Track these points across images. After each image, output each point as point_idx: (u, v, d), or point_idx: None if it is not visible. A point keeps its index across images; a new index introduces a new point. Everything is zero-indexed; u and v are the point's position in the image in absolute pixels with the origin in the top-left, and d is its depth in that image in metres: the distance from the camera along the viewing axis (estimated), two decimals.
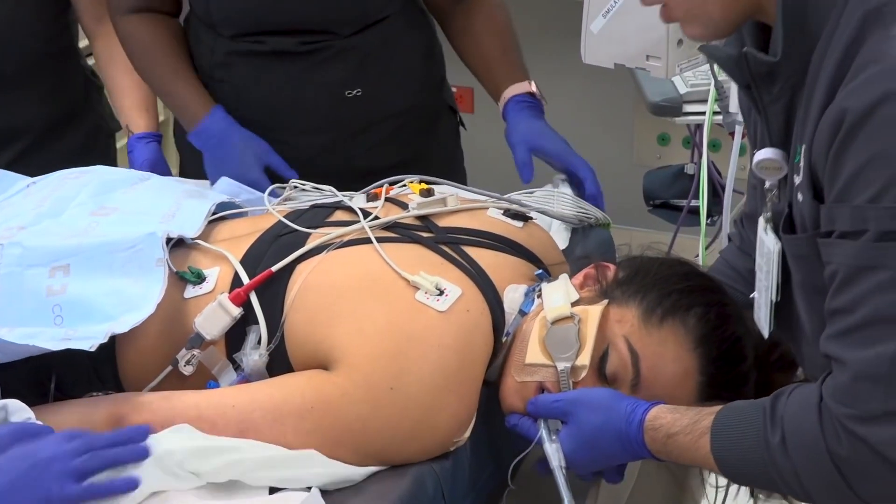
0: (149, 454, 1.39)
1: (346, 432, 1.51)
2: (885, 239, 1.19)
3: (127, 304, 1.57)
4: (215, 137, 2.12)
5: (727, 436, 1.39)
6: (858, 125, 1.18)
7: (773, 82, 1.32)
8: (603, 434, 1.51)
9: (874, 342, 1.22)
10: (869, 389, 1.23)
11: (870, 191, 1.19)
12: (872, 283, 1.21)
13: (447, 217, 1.75)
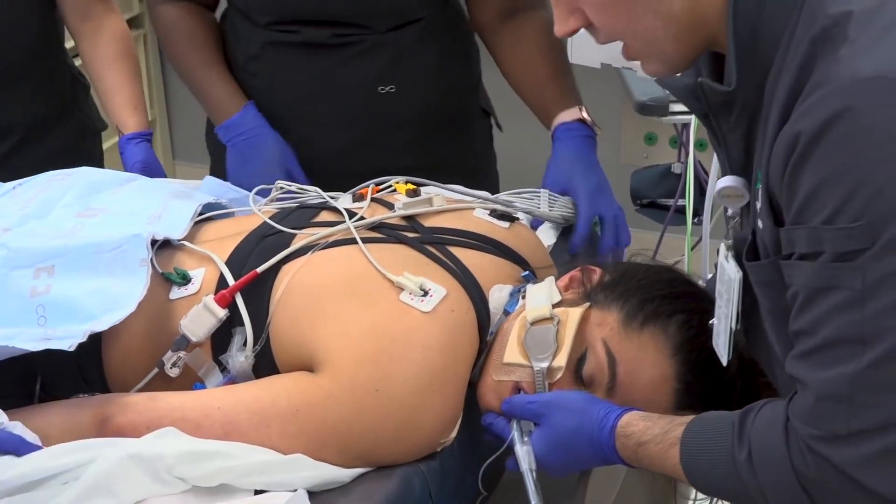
0: None
1: (332, 434, 1.51)
2: (841, 259, 1.19)
3: (109, 304, 1.57)
4: (244, 134, 2.11)
5: (695, 449, 1.39)
6: (811, 147, 1.18)
7: (730, 111, 1.32)
8: (575, 438, 1.50)
9: (835, 363, 1.21)
10: (832, 410, 1.22)
11: (824, 212, 1.18)
12: (831, 304, 1.21)
13: (433, 217, 1.75)
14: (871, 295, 1.18)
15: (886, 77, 1.14)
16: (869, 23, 1.19)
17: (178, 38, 2.18)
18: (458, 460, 1.60)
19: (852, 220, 1.16)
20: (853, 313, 1.19)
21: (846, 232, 1.17)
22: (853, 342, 1.20)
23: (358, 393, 1.51)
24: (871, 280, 1.17)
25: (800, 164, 1.19)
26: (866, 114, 1.15)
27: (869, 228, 1.16)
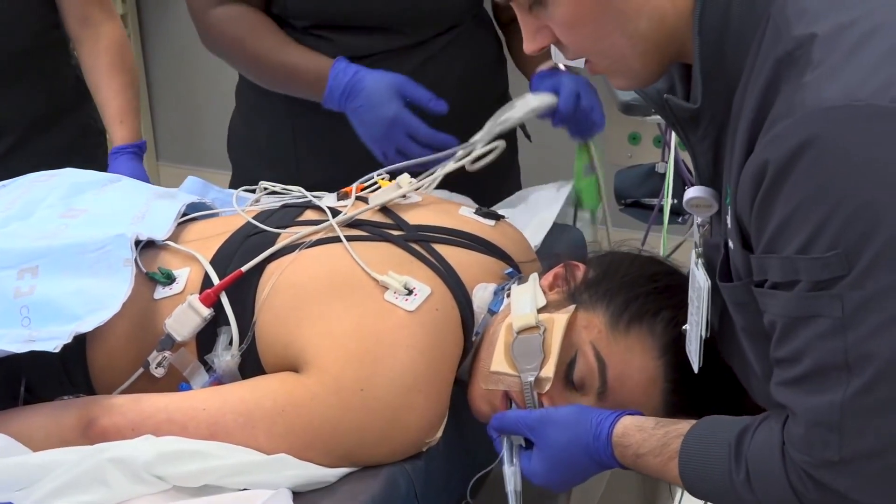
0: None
1: (317, 434, 1.51)
2: (817, 289, 1.19)
3: (93, 304, 1.57)
4: (347, 89, 2.02)
5: (694, 467, 1.39)
6: (780, 177, 1.18)
7: (698, 124, 1.33)
8: (572, 452, 1.49)
9: (821, 391, 1.22)
10: (823, 438, 1.23)
11: (797, 241, 1.19)
12: (811, 333, 1.21)
13: (418, 215, 1.75)
14: (851, 322, 1.18)
15: (851, 105, 1.14)
16: (832, 46, 1.18)
17: (242, 33, 2.10)
18: (444, 460, 1.60)
19: (827, 249, 1.17)
20: (836, 341, 1.19)
21: (821, 261, 1.17)
22: (838, 369, 1.20)
23: (343, 393, 1.51)
24: (851, 307, 1.17)
25: (769, 195, 1.19)
26: (834, 143, 1.15)
27: (844, 256, 1.16)
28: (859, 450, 1.21)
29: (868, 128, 1.14)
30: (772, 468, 1.29)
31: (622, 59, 1.33)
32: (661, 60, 1.34)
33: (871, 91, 1.14)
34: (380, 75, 2.00)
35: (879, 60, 1.16)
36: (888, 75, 1.15)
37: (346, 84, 2.02)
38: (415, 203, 1.81)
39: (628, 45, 1.31)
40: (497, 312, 1.64)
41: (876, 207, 1.14)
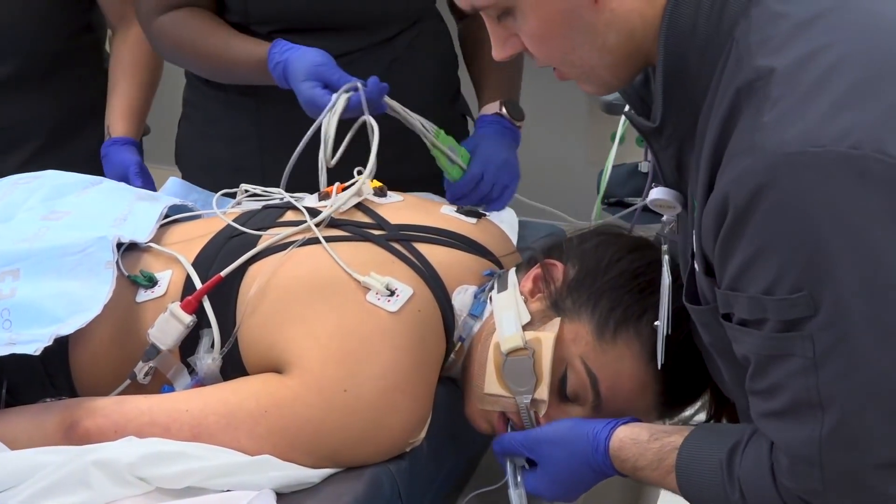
0: None
1: (300, 435, 1.51)
2: (787, 329, 1.21)
3: (74, 306, 1.56)
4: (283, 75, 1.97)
5: (691, 485, 1.40)
6: (741, 219, 1.19)
7: (661, 135, 1.33)
8: (573, 467, 1.51)
9: (800, 426, 1.23)
10: (806, 471, 1.25)
11: (762, 283, 1.20)
12: (784, 371, 1.22)
13: (399, 214, 1.75)
14: (823, 362, 1.19)
15: (809, 152, 1.15)
16: (792, 83, 1.19)
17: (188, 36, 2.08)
18: (428, 460, 1.60)
19: (791, 291, 1.18)
20: (808, 379, 1.21)
21: (788, 302, 1.19)
22: (812, 406, 1.21)
23: (326, 394, 1.51)
24: (821, 348, 1.19)
25: (731, 235, 1.21)
26: (793, 189, 1.15)
27: (810, 298, 1.17)
28: (840, 478, 1.23)
29: (826, 175, 1.15)
30: (765, 490, 1.31)
31: (591, 70, 1.34)
32: (630, 69, 1.35)
33: (831, 137, 1.14)
34: (301, 56, 1.95)
35: (839, 102, 1.16)
36: (847, 120, 1.15)
37: (280, 72, 1.98)
38: (396, 202, 1.81)
39: (597, 58, 1.32)
40: (479, 317, 1.64)
41: (832, 253, 1.16)
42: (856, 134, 1.14)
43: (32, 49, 2.24)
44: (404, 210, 1.77)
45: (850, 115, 1.16)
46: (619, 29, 1.29)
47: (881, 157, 1.14)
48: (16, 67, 2.25)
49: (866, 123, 1.15)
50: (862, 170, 1.14)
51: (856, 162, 1.14)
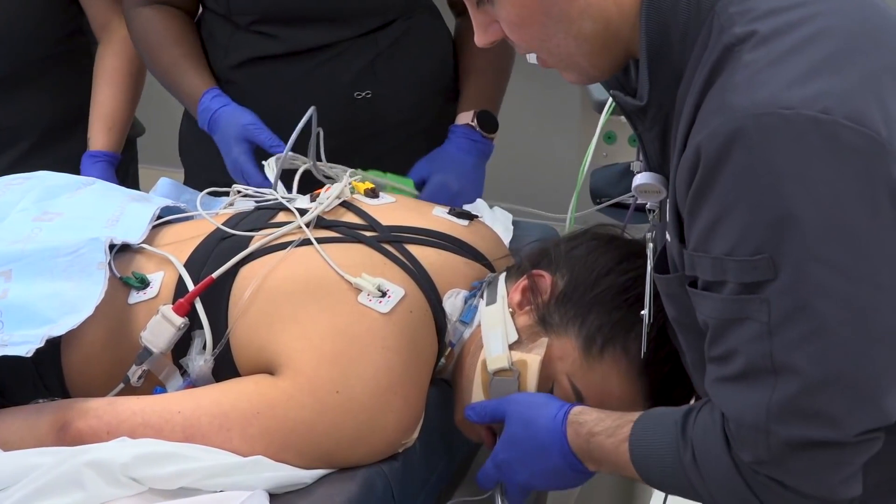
0: None
1: (293, 436, 1.51)
2: (744, 291, 1.21)
3: (66, 307, 1.56)
4: (209, 125, 2.04)
5: (645, 447, 1.40)
6: (710, 176, 1.19)
7: (645, 115, 1.34)
8: (533, 431, 1.50)
9: (750, 392, 1.24)
10: (753, 437, 1.25)
11: (725, 243, 1.20)
12: (740, 335, 1.23)
13: (391, 215, 1.75)
14: (777, 329, 1.20)
15: (778, 113, 1.15)
16: (770, 47, 1.19)
17: (150, 39, 2.13)
18: (421, 461, 1.60)
19: (753, 252, 1.18)
20: (763, 345, 1.21)
21: (748, 263, 1.19)
22: (766, 372, 1.22)
23: (318, 394, 1.51)
24: (777, 313, 1.19)
25: (700, 192, 1.21)
26: (760, 149, 1.16)
27: (770, 260, 1.18)
28: (786, 447, 1.23)
29: (794, 137, 1.15)
30: (716, 451, 1.31)
31: (570, 58, 1.35)
32: (609, 59, 1.35)
33: (801, 100, 1.15)
34: (232, 116, 2.02)
35: (813, 69, 1.17)
36: (820, 86, 1.16)
37: (209, 120, 2.05)
38: (388, 203, 1.81)
39: (574, 46, 1.32)
40: (469, 324, 1.65)
41: (796, 219, 1.16)
42: (827, 99, 1.15)
43: (25, 51, 2.23)
44: (396, 211, 1.77)
45: (823, 81, 1.16)
46: (595, 17, 1.30)
47: (851, 125, 1.14)
48: (8, 69, 2.24)
49: (839, 90, 1.16)
50: (831, 134, 1.14)
51: (825, 126, 1.14)
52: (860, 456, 1.24)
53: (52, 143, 2.30)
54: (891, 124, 1.16)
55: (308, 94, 2.07)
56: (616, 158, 2.94)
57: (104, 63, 2.27)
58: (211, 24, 2.14)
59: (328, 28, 2.06)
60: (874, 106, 1.16)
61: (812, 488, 1.25)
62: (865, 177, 1.15)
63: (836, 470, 1.24)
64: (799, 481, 1.25)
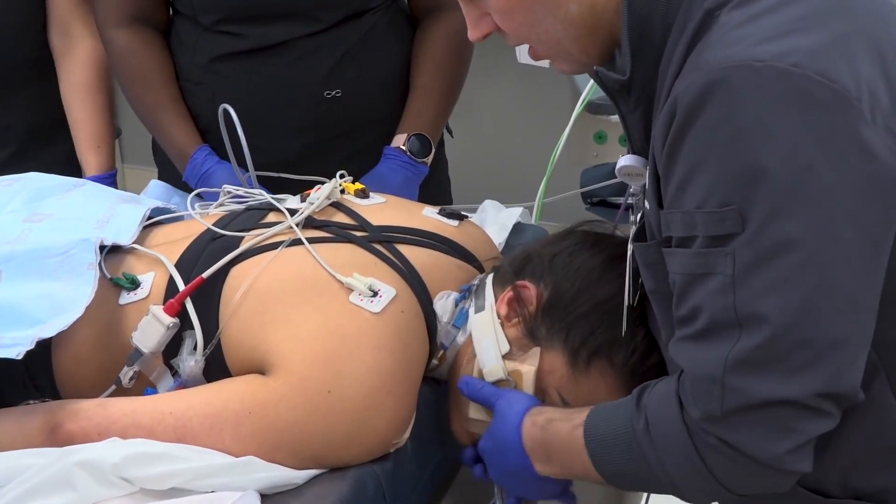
0: None
1: (284, 436, 1.51)
2: (711, 245, 1.21)
3: (56, 308, 1.56)
4: (200, 180, 2.08)
5: (599, 424, 1.40)
6: (684, 130, 1.20)
7: (629, 94, 1.35)
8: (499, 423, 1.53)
9: (712, 346, 1.24)
10: (707, 390, 1.25)
11: (696, 196, 1.21)
12: (705, 290, 1.23)
13: (382, 215, 1.75)
14: (741, 280, 1.20)
15: (749, 65, 1.16)
16: (744, 8, 1.21)
17: (131, 75, 2.14)
18: (412, 461, 1.60)
19: (721, 204, 1.19)
20: (727, 298, 1.21)
21: (717, 215, 1.20)
22: (730, 326, 1.22)
23: (310, 394, 1.51)
24: (741, 265, 1.20)
25: (674, 146, 1.22)
26: (732, 100, 1.17)
27: (738, 212, 1.18)
28: (738, 405, 1.23)
29: (764, 88, 1.16)
30: (669, 415, 1.31)
31: (559, 45, 1.36)
32: (597, 44, 1.36)
33: (772, 54, 1.16)
34: (225, 174, 2.04)
35: (786, 27, 1.18)
36: (791, 42, 1.17)
37: (200, 176, 2.07)
38: (378, 203, 1.81)
39: (561, 30, 1.34)
40: (462, 329, 1.65)
41: (764, 170, 1.17)
42: (798, 55, 1.16)
43: (6, 57, 2.22)
44: (386, 211, 1.77)
45: (795, 39, 1.18)
46: (580, 0, 1.32)
47: (821, 79, 1.15)
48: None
49: (809, 47, 1.17)
50: (801, 88, 1.15)
51: (795, 79, 1.15)
52: (810, 425, 1.23)
53: (33, 150, 2.27)
54: (860, 83, 1.17)
55: (278, 95, 2.09)
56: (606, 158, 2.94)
57: (74, 79, 2.25)
58: (179, 26, 2.15)
59: (292, 23, 2.06)
60: (844, 65, 1.17)
61: (758, 451, 1.24)
62: (834, 132, 1.16)
63: (785, 436, 1.23)
64: (746, 442, 1.24)
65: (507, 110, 3.68)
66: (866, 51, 1.20)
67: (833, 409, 1.23)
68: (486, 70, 2.92)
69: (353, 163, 2.03)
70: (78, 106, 2.25)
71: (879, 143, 1.17)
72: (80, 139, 2.24)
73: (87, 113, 2.24)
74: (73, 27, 2.24)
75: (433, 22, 2.19)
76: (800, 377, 1.20)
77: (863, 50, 1.20)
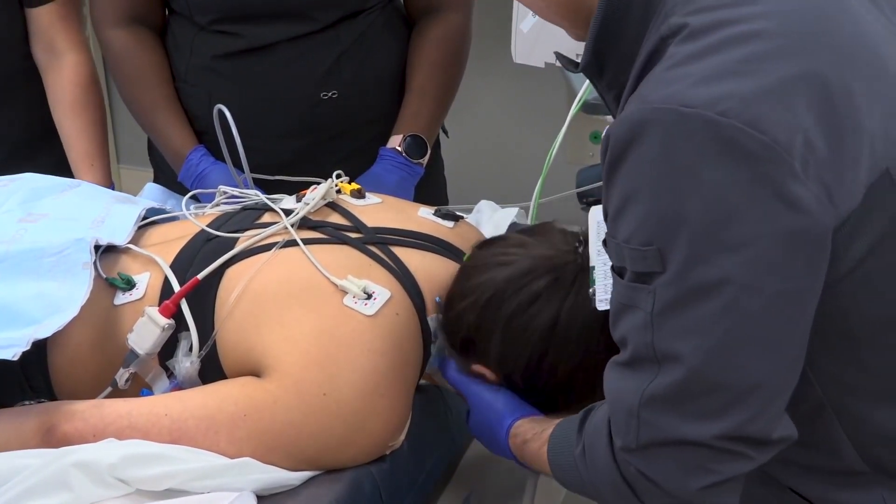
0: None
1: (280, 438, 1.51)
2: (637, 280, 1.21)
3: (52, 308, 1.56)
4: (195, 181, 2.08)
5: (556, 444, 1.43)
6: (614, 165, 1.20)
7: (601, 77, 1.34)
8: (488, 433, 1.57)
9: (633, 377, 1.24)
10: (625, 422, 1.25)
11: (625, 231, 1.21)
12: (631, 322, 1.23)
13: (377, 216, 1.75)
14: (660, 320, 1.20)
15: (679, 110, 1.14)
16: (694, 42, 1.19)
17: (127, 75, 2.13)
18: (409, 462, 1.60)
19: (644, 243, 1.19)
20: (647, 334, 1.21)
21: (640, 253, 1.19)
22: (650, 361, 1.22)
23: (305, 397, 1.51)
24: (660, 305, 1.19)
25: (609, 177, 1.21)
26: (657, 144, 1.16)
27: (658, 253, 1.18)
28: (651, 439, 1.23)
29: (690, 136, 1.14)
30: (600, 443, 1.32)
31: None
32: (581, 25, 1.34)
33: (703, 100, 1.14)
34: (220, 175, 2.05)
35: (725, 70, 1.16)
36: (725, 88, 1.14)
37: (195, 176, 2.08)
38: (374, 204, 1.81)
39: (544, 6, 1.35)
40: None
41: (684, 215, 1.16)
42: (729, 102, 1.14)
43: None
44: (382, 212, 1.77)
45: (731, 83, 1.15)
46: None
47: (748, 130, 1.13)
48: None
49: (743, 94, 1.14)
50: (726, 138, 1.13)
51: (721, 129, 1.13)
52: (724, 466, 1.22)
53: (22, 159, 2.24)
54: (793, 133, 1.14)
55: (274, 95, 2.08)
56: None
57: (62, 97, 2.23)
58: (175, 27, 2.15)
59: (288, 23, 2.06)
60: (778, 114, 1.14)
61: (672, 486, 1.24)
62: (758, 183, 1.14)
63: (696, 474, 1.23)
64: (660, 477, 1.25)
65: (503, 111, 3.68)
66: (809, 96, 1.16)
67: (749, 451, 1.22)
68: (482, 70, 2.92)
69: (349, 163, 2.03)
70: (68, 124, 2.23)
71: (808, 195, 1.14)
72: (74, 158, 2.22)
73: (77, 130, 2.22)
74: (56, 42, 2.21)
75: (429, 22, 2.19)
76: (710, 420, 1.20)
77: (805, 95, 1.16)
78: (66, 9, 2.21)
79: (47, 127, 2.26)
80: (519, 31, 2.15)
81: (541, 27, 2.10)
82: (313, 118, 2.11)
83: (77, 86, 2.23)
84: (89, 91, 2.24)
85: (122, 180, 3.82)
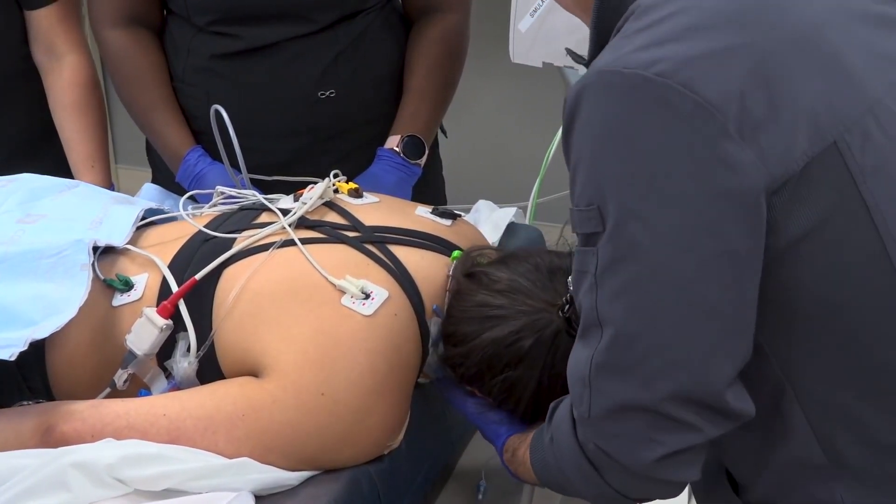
0: None
1: (278, 438, 1.51)
2: (585, 244, 1.22)
3: (50, 309, 1.56)
4: (193, 181, 2.08)
5: (535, 443, 1.44)
6: (566, 131, 1.22)
7: None
8: None
9: (584, 346, 1.24)
10: (579, 393, 1.26)
11: (574, 195, 1.22)
12: (582, 289, 1.24)
13: (374, 216, 1.75)
14: (600, 281, 1.20)
15: (618, 71, 1.16)
16: (641, 18, 1.21)
17: (125, 75, 2.13)
18: (407, 461, 1.60)
19: (587, 203, 1.20)
20: (591, 298, 1.22)
21: (585, 214, 1.21)
22: (595, 326, 1.22)
23: (303, 397, 1.51)
24: (601, 265, 1.20)
25: (564, 145, 1.24)
26: (596, 105, 1.18)
27: (598, 212, 1.19)
28: (602, 409, 1.23)
29: (627, 94, 1.16)
30: (564, 427, 1.33)
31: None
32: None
33: (640, 62, 1.16)
34: (218, 176, 2.04)
35: (663, 38, 1.18)
36: (663, 52, 1.16)
37: (193, 177, 2.08)
38: (372, 203, 1.81)
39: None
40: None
41: (620, 173, 1.17)
42: (665, 64, 1.15)
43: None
44: (379, 211, 1.77)
45: (668, 48, 1.17)
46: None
47: (682, 89, 1.14)
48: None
49: (679, 56, 1.16)
50: (661, 97, 1.15)
51: (657, 88, 1.15)
52: (670, 437, 1.21)
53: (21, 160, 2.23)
54: (728, 95, 1.15)
55: (272, 95, 2.08)
56: None
57: (62, 99, 2.22)
58: (173, 27, 2.15)
59: (286, 24, 2.06)
60: (715, 75, 1.16)
61: (626, 459, 1.24)
62: (692, 142, 1.15)
63: (647, 446, 1.22)
64: (615, 450, 1.25)
65: (501, 110, 3.68)
66: (746, 64, 1.17)
67: (696, 421, 1.21)
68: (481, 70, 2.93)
69: (347, 164, 2.03)
70: (68, 126, 2.22)
71: (741, 155, 1.15)
72: (74, 159, 2.22)
73: (78, 131, 2.22)
74: (56, 43, 2.21)
75: (427, 23, 2.19)
76: (651, 383, 1.19)
77: (742, 62, 1.17)
78: (65, 10, 2.21)
79: (47, 127, 2.26)
80: (517, 31, 2.15)
81: (538, 27, 2.11)
82: (311, 118, 2.11)
83: (77, 87, 2.22)
84: (90, 92, 2.24)
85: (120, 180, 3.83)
